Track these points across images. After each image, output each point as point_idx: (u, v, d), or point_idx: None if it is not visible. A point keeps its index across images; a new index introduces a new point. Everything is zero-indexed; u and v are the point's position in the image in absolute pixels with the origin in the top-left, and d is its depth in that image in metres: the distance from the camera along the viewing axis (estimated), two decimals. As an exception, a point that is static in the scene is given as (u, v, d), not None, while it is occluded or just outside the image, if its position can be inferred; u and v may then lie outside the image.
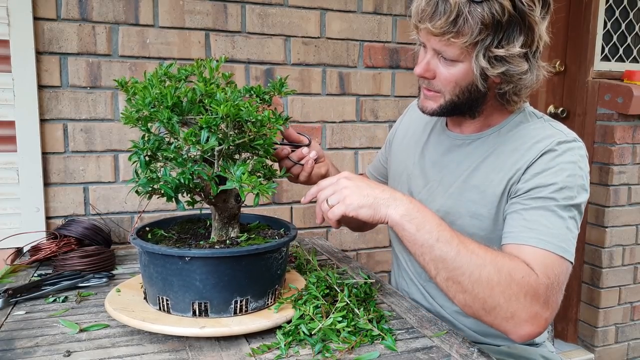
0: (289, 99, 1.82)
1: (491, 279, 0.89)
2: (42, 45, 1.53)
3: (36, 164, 1.54)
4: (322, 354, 0.87)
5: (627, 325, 2.54)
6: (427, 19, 0.95)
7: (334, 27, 1.85)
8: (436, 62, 1.02)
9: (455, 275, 0.91)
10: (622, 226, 2.44)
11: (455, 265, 0.91)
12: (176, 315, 0.93)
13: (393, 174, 1.33)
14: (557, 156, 1.01)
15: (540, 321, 0.91)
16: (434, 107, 1.08)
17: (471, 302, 0.92)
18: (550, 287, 0.91)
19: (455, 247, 0.92)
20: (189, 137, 0.87)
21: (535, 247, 0.94)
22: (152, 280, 0.95)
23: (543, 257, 0.93)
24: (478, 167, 1.10)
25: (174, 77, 0.99)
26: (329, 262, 1.43)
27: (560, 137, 1.03)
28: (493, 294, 0.89)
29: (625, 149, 2.39)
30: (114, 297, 1.02)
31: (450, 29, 0.93)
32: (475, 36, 0.93)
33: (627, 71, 2.48)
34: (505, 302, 0.89)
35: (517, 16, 0.93)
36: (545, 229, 0.95)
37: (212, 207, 1.02)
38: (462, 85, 1.02)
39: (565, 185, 0.98)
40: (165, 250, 0.91)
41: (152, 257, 0.93)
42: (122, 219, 1.67)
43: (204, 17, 1.69)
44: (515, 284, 0.89)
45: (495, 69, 0.97)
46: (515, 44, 0.95)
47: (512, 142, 1.07)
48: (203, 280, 0.91)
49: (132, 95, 0.94)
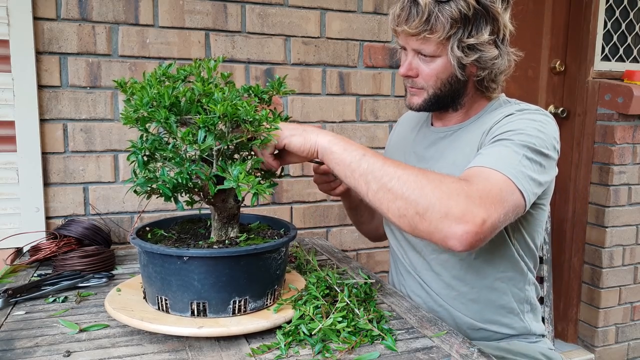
0: (289, 98, 1.82)
1: (419, 180, 0.92)
2: (42, 45, 1.53)
3: (36, 164, 1.54)
4: (322, 354, 0.87)
5: (627, 325, 2.54)
6: (404, 22, 1.07)
7: (334, 27, 1.85)
8: (417, 61, 1.12)
9: (385, 183, 0.93)
10: (622, 226, 2.44)
11: (383, 173, 0.94)
12: (175, 315, 0.93)
13: None
14: (518, 117, 1.08)
15: (475, 219, 0.88)
16: (419, 102, 1.17)
17: (404, 208, 0.91)
18: (486, 193, 0.91)
19: (382, 159, 0.96)
20: (186, 137, 0.88)
21: (481, 166, 0.98)
22: (151, 280, 0.95)
23: (488, 173, 0.96)
24: (462, 151, 1.15)
25: (173, 77, 0.99)
26: (329, 262, 1.43)
27: (524, 107, 1.13)
28: (424, 193, 0.90)
29: (626, 149, 2.39)
30: (114, 296, 1.02)
31: (425, 28, 1.05)
32: (447, 31, 1.04)
33: (627, 71, 2.48)
34: (437, 200, 0.89)
35: (481, 9, 1.05)
36: (497, 155, 1.00)
37: (212, 207, 1.02)
38: (442, 78, 1.12)
39: (523, 131, 1.03)
40: (164, 250, 0.91)
41: (151, 256, 0.93)
42: (122, 219, 1.67)
43: (203, 17, 1.69)
44: (445, 185, 0.91)
45: (469, 57, 1.08)
46: (483, 32, 1.06)
47: (487, 123, 1.14)
48: (201, 280, 0.91)
49: (130, 96, 0.94)
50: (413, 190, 0.91)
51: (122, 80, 0.96)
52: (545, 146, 1.03)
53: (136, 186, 0.91)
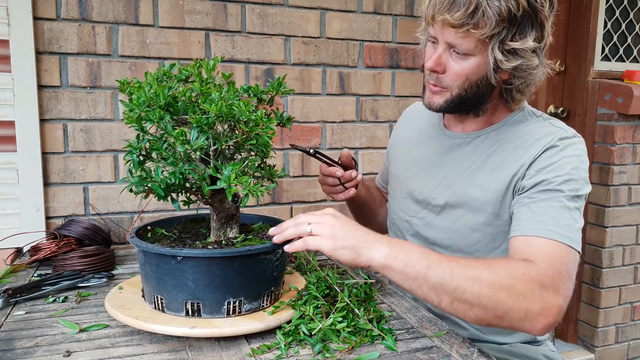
0: (289, 98, 1.82)
1: (493, 285, 0.88)
2: (42, 45, 1.53)
3: (36, 164, 1.54)
4: (322, 354, 0.86)
5: (627, 325, 2.54)
6: (446, 11, 0.96)
7: (334, 27, 1.85)
8: (447, 56, 1.02)
9: (458, 295, 0.88)
10: (622, 226, 2.44)
11: (454, 286, 0.88)
12: (170, 314, 0.93)
13: (393, 177, 1.34)
14: (560, 151, 1.02)
15: (553, 310, 0.89)
16: (441, 102, 1.08)
17: (482, 314, 0.89)
18: (557, 275, 0.91)
19: (448, 268, 0.89)
20: (179, 137, 0.88)
21: (542, 237, 0.95)
22: (148, 279, 0.96)
23: (550, 247, 0.94)
24: (481, 165, 1.11)
25: (173, 77, 0.99)
26: (329, 262, 1.43)
27: (560, 134, 1.05)
28: (500, 299, 0.87)
29: (626, 149, 2.39)
30: (115, 294, 1.03)
31: (469, 21, 0.94)
32: (492, 28, 0.95)
33: (627, 71, 2.48)
34: (514, 303, 0.88)
35: (530, 12, 0.96)
36: (553, 219, 0.96)
37: (210, 207, 1.02)
38: (472, 79, 1.03)
39: (571, 177, 0.99)
40: (158, 250, 0.91)
41: (147, 255, 0.94)
42: (122, 219, 1.67)
43: (204, 17, 1.69)
44: (518, 283, 0.88)
45: (509, 62, 0.99)
46: (528, 38, 0.97)
47: (514, 140, 1.08)
48: (195, 280, 0.90)
49: (129, 95, 0.94)
50: (489, 299, 0.87)
51: (125, 80, 0.96)
52: (585, 182, 1.02)
53: (131, 185, 0.91)
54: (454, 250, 1.14)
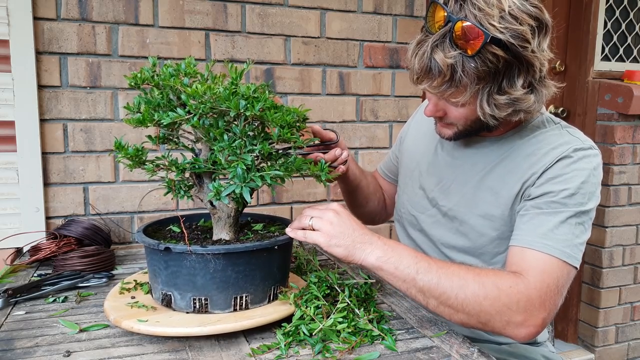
0: (289, 98, 1.82)
1: (477, 294, 0.92)
2: (42, 45, 1.53)
3: (36, 164, 1.54)
4: (322, 354, 0.86)
5: (627, 325, 2.54)
6: (424, 80, 0.95)
7: (334, 27, 1.85)
8: (444, 103, 1.01)
9: (444, 300, 0.93)
10: (622, 226, 2.44)
11: (440, 291, 0.93)
12: (178, 310, 0.95)
13: (404, 170, 1.33)
14: (573, 163, 1.01)
15: (536, 322, 0.93)
16: (450, 134, 1.09)
17: (466, 319, 0.94)
18: (545, 290, 0.93)
19: (436, 274, 0.93)
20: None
21: (537, 250, 0.96)
22: (154, 275, 0.97)
23: (543, 261, 0.95)
24: (493, 169, 1.10)
25: (191, 74, 0.99)
26: (330, 262, 1.43)
27: (576, 144, 1.03)
28: (483, 308, 0.92)
29: (626, 149, 2.39)
30: (115, 293, 1.03)
31: (448, 87, 0.93)
32: (475, 88, 0.92)
33: (627, 71, 2.48)
34: (497, 313, 0.92)
35: (511, 59, 0.90)
36: (551, 233, 0.96)
37: (210, 208, 1.02)
38: (472, 119, 1.02)
39: (578, 191, 0.99)
40: (163, 246, 0.92)
41: (153, 252, 0.95)
42: (122, 219, 1.67)
43: (203, 17, 1.69)
44: (503, 295, 0.91)
45: (502, 111, 0.96)
46: (516, 84, 0.93)
47: (529, 147, 1.07)
48: (202, 276, 0.92)
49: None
50: (473, 306, 0.92)
51: (142, 70, 0.97)
52: (595, 197, 1.01)
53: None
54: (458, 251, 1.14)
